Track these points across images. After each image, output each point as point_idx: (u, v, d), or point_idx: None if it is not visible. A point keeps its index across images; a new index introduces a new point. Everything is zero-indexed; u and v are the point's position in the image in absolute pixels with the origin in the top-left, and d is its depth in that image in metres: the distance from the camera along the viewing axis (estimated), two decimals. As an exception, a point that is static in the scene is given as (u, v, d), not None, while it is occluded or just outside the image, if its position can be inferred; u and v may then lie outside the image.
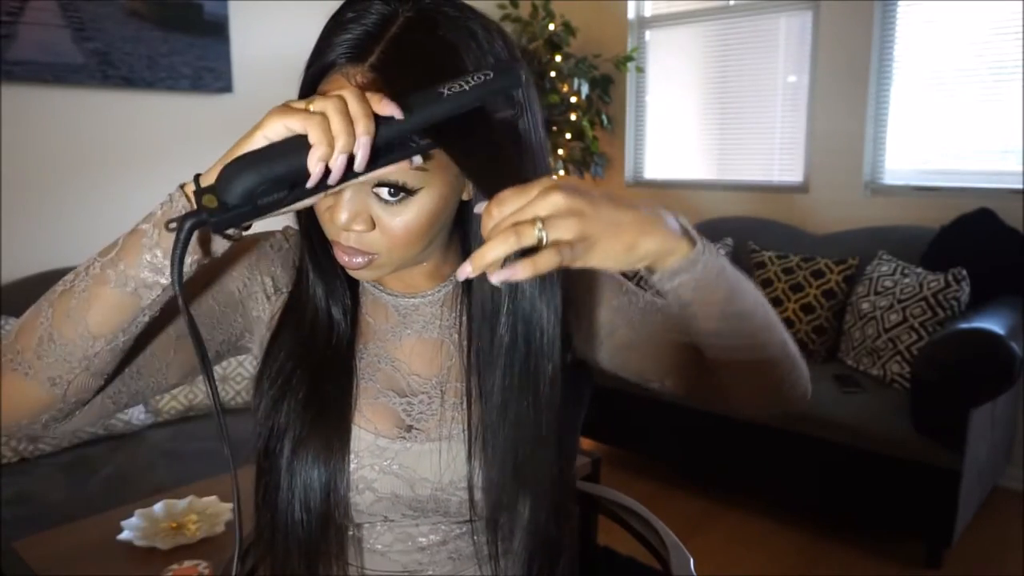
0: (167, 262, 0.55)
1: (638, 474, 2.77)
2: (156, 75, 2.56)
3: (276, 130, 0.51)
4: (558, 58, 3.34)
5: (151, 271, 0.56)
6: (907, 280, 2.40)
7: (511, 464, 0.68)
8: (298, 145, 0.51)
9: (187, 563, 1.34)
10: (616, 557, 1.08)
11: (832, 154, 2.98)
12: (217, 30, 2.69)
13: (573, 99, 3.35)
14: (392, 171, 0.57)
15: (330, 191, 0.56)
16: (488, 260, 0.49)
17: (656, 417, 2.63)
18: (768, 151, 3.24)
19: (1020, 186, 2.56)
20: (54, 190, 2.42)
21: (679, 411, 2.57)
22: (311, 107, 0.52)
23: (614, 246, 0.52)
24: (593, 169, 3.48)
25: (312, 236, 0.70)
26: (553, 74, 3.32)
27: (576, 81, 3.32)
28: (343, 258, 0.64)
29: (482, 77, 0.55)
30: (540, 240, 0.49)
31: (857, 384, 2.34)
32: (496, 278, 0.49)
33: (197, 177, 0.55)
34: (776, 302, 2.69)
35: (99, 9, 2.38)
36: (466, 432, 0.70)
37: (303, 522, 0.68)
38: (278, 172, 0.51)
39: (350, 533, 0.74)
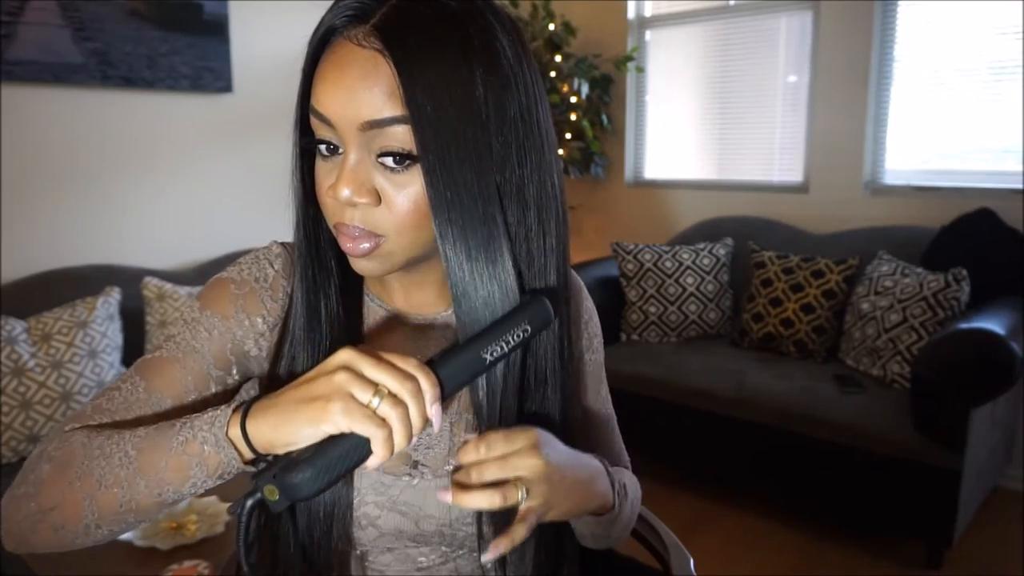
0: (211, 481, 0.58)
1: (638, 474, 2.77)
2: (156, 75, 2.56)
3: (340, 427, 0.53)
4: (558, 58, 3.34)
5: (197, 487, 0.58)
6: (907, 280, 2.40)
7: None
8: (359, 445, 0.53)
9: (187, 563, 1.34)
10: (616, 557, 1.08)
11: (832, 154, 2.98)
12: (217, 30, 2.69)
13: (573, 99, 3.35)
14: (396, 133, 0.57)
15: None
16: (471, 506, 0.58)
17: (656, 417, 2.63)
18: (768, 151, 3.24)
19: (1020, 186, 2.56)
20: (54, 190, 2.42)
21: (679, 411, 2.57)
22: (376, 407, 0.53)
23: (566, 508, 0.63)
24: (593, 169, 3.48)
25: (313, 257, 0.67)
26: (553, 74, 3.32)
27: (576, 81, 3.32)
28: (347, 244, 0.61)
29: (521, 334, 0.58)
30: (519, 502, 0.59)
31: (857, 384, 2.34)
32: (487, 558, 0.60)
33: (244, 423, 0.55)
34: (776, 302, 2.69)
35: (99, 9, 2.38)
36: None
37: (305, 552, 0.68)
38: (341, 474, 0.54)
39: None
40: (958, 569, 2.14)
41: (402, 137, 0.57)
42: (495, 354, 0.57)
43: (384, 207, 0.59)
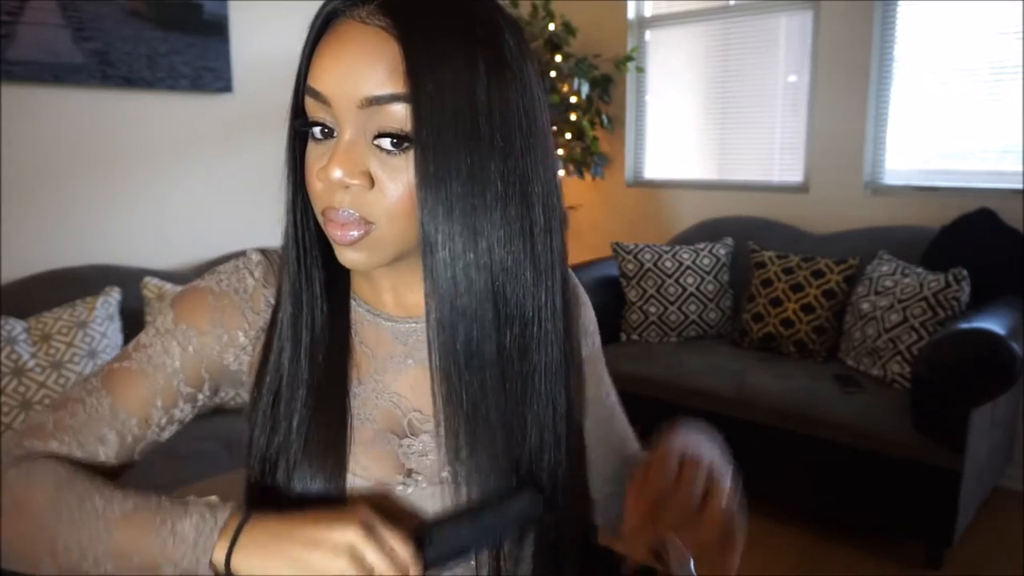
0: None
1: (638, 474, 2.77)
2: (156, 75, 2.56)
3: None
4: (558, 58, 3.34)
5: None
6: (907, 280, 2.40)
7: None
8: None
9: (187, 563, 1.34)
10: (616, 557, 1.08)
11: (832, 154, 2.98)
12: (217, 30, 2.68)
13: (573, 99, 3.35)
14: (396, 113, 0.55)
15: None
16: None
17: (656, 417, 2.63)
18: (768, 151, 3.24)
19: (1020, 186, 2.56)
20: (54, 190, 2.42)
21: (679, 411, 2.56)
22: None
23: None
24: (593, 169, 3.48)
25: (300, 246, 0.65)
26: (553, 74, 3.32)
27: (576, 81, 3.32)
28: (335, 232, 0.58)
29: (508, 533, 0.61)
30: None
31: (857, 384, 2.34)
32: None
33: (233, 540, 0.55)
34: (776, 302, 2.69)
35: (99, 9, 2.38)
36: (476, 475, 0.63)
37: None
38: None
39: None
40: (958, 569, 2.14)
41: (401, 118, 0.55)
42: (481, 547, 0.60)
43: (377, 191, 0.57)
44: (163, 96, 2.63)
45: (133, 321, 2.30)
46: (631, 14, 3.51)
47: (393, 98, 0.55)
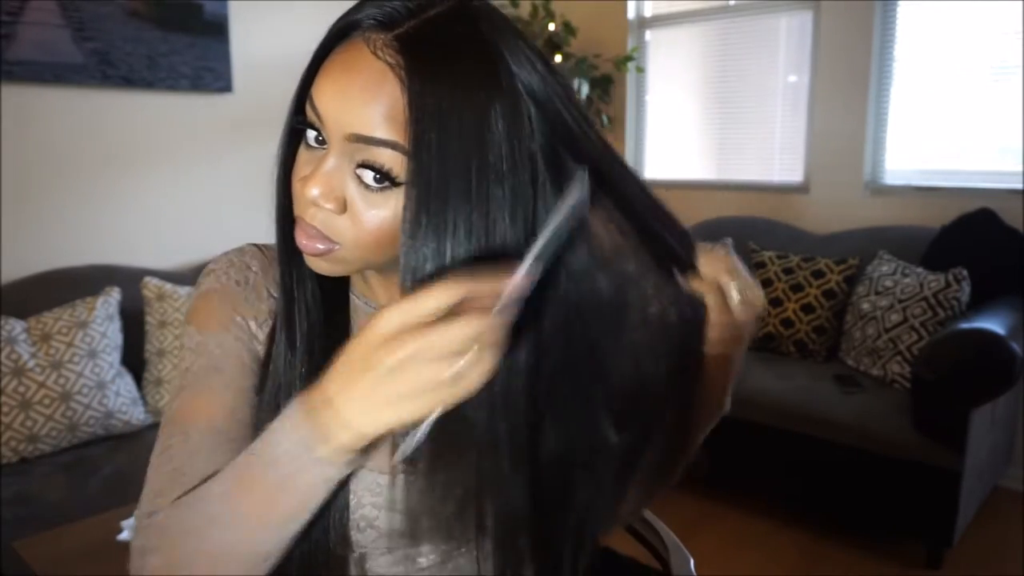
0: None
1: (638, 474, 2.77)
2: (156, 75, 2.56)
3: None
4: (558, 58, 3.34)
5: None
6: (907, 280, 2.40)
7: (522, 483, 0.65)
8: None
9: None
10: (617, 558, 1.08)
11: (832, 154, 2.98)
12: (217, 30, 2.69)
13: (573, 99, 3.35)
14: (383, 154, 0.53)
15: None
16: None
17: (656, 417, 2.63)
18: (768, 151, 3.24)
19: (1020, 186, 2.56)
20: (54, 190, 2.42)
21: (679, 411, 2.57)
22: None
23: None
24: (593, 169, 3.48)
25: (286, 240, 0.64)
26: (553, 74, 3.32)
27: (576, 81, 3.32)
28: (301, 240, 0.58)
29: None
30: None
31: (857, 384, 2.34)
32: None
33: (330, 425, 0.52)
34: (776, 302, 2.69)
35: (99, 9, 2.38)
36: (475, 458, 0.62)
37: (302, 554, 0.65)
38: None
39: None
40: (958, 569, 2.14)
41: (388, 158, 0.54)
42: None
43: (348, 218, 0.56)
44: (163, 96, 2.63)
45: (133, 321, 2.30)
46: (631, 14, 3.51)
47: (383, 143, 0.53)
